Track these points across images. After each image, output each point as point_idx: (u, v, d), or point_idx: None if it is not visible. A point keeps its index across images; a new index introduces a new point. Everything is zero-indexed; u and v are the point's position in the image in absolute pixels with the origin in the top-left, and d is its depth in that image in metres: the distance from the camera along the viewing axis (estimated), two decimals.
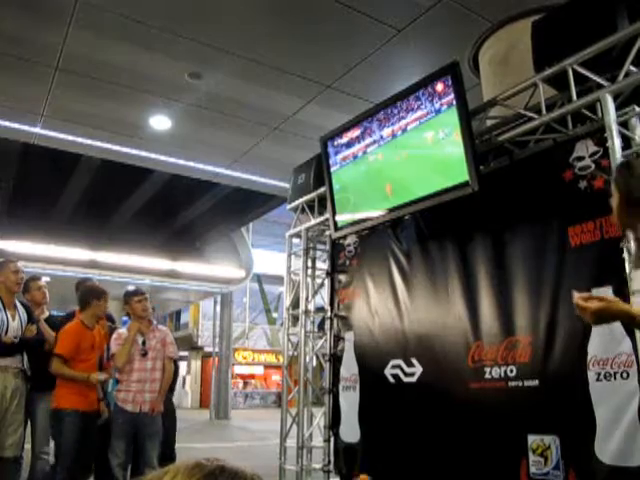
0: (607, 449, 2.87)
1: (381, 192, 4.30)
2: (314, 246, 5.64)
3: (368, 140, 4.33)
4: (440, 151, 3.80)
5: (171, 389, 5.32)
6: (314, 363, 5.68)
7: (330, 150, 4.69)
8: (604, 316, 1.86)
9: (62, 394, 4.30)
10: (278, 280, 19.32)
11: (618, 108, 3.04)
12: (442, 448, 3.76)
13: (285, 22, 4.85)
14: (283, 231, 6.01)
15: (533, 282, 3.39)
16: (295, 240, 5.79)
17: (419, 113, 3.91)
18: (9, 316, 4.30)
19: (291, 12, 4.70)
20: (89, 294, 4.63)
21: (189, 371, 27.69)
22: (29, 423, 4.53)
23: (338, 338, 5.01)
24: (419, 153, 3.97)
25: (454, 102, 3.65)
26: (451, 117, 3.67)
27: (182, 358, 26.36)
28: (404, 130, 4.03)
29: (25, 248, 12.86)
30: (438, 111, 3.77)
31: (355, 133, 4.44)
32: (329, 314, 5.16)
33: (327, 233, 5.23)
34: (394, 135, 4.11)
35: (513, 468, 3.27)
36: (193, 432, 13.43)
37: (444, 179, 3.77)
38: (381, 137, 4.22)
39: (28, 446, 4.48)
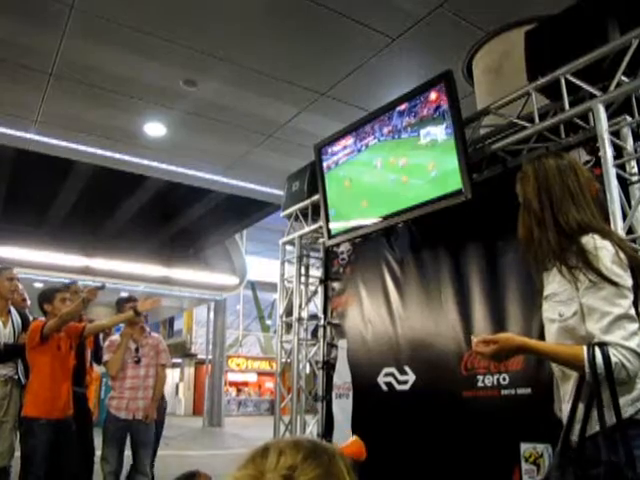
0: None
1: (374, 200, 4.31)
2: (308, 254, 5.63)
3: (362, 148, 4.34)
4: (433, 159, 3.82)
5: None
6: (307, 370, 5.66)
7: (324, 157, 4.69)
8: (502, 355, 1.90)
9: (30, 401, 4.02)
10: (272, 287, 19.26)
11: (610, 118, 3.06)
12: (435, 456, 3.74)
13: (280, 30, 4.87)
14: (277, 238, 6.00)
15: (526, 290, 3.38)
16: (289, 247, 5.78)
17: (412, 121, 3.92)
18: (0, 322, 4.28)
19: (286, 20, 4.72)
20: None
21: (182, 378, 27.56)
22: None
23: (331, 346, 5.00)
24: (413, 161, 3.98)
25: (448, 110, 3.66)
26: (445, 125, 3.69)
27: (175, 365, 26.27)
28: (397, 138, 4.04)
29: (18, 254, 12.79)
30: (431, 119, 3.78)
31: (349, 141, 4.45)
32: (322, 322, 5.14)
33: (321, 241, 5.22)
34: (387, 143, 4.12)
35: (506, 476, 3.26)
36: (186, 439, 13.38)
37: (437, 187, 3.78)
38: (375, 145, 4.23)
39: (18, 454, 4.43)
